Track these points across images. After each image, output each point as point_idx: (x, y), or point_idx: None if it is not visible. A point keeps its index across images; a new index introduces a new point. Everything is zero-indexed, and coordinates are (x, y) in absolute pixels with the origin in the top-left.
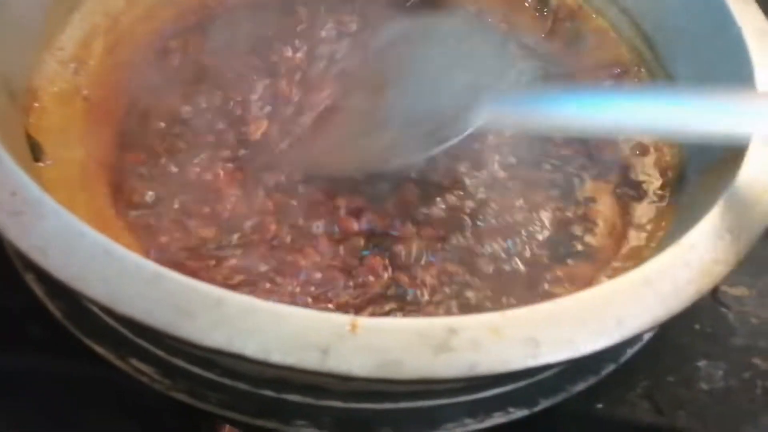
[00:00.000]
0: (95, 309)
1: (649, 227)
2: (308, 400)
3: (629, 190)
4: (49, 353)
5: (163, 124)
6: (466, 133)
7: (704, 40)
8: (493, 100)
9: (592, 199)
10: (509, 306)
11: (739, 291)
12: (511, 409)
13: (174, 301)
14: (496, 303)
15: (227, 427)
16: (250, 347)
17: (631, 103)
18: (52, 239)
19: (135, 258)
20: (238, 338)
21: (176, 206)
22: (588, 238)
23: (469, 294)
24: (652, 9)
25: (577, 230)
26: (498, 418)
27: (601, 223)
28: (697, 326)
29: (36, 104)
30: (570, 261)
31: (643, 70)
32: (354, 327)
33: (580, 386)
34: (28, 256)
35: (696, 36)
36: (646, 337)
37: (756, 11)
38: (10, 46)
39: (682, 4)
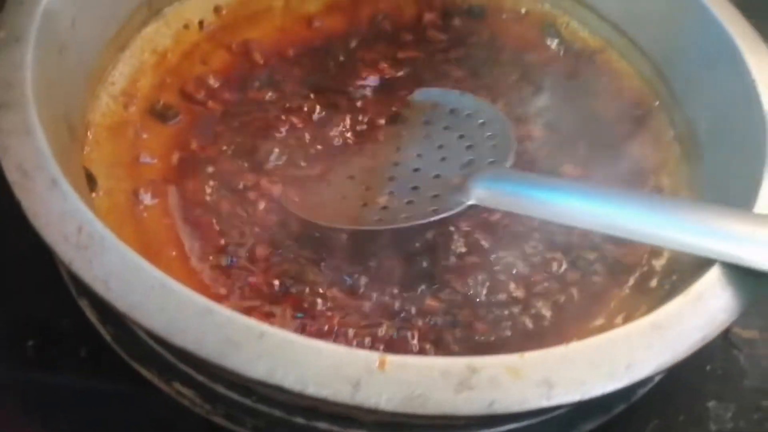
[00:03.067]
0: (143, 335)
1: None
2: (336, 428)
3: None
4: (96, 374)
5: None
6: (460, 209)
7: (720, 86)
8: (488, 179)
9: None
10: None
11: (750, 334)
12: None
13: (222, 333)
14: None
15: None
16: (289, 379)
17: (617, 206)
18: (113, 272)
19: (188, 292)
20: (279, 370)
21: None
22: None
23: None
24: (670, 54)
25: None
26: None
27: None
28: (708, 367)
29: (89, 136)
30: None
31: (663, 114)
32: (382, 363)
33: (591, 425)
34: (92, 288)
35: (713, 82)
36: (657, 377)
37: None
38: (71, 83)
39: (700, 54)
